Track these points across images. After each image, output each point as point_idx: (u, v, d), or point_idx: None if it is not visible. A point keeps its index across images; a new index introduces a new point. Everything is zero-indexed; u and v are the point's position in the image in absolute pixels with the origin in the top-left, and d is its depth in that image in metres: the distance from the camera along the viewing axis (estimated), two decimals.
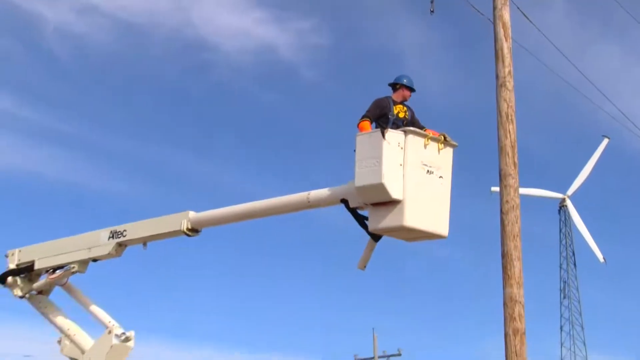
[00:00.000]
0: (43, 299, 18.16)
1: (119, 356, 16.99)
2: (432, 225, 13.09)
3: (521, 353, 13.39)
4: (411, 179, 12.69)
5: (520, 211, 14.02)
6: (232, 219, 16.00)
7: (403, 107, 13.79)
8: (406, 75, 14.03)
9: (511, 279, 13.61)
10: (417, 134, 12.96)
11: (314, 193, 14.13)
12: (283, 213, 15.38)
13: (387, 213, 12.82)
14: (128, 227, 16.79)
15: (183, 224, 15.79)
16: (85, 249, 17.25)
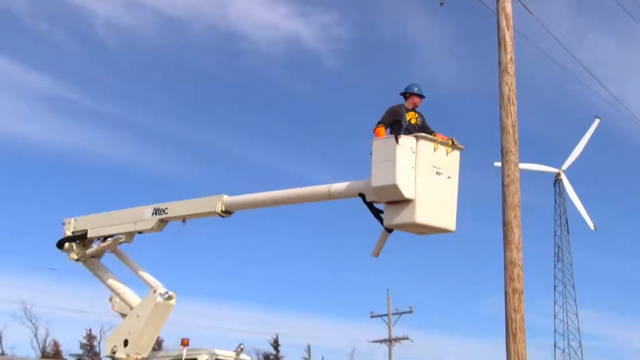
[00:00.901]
0: (96, 262, 18.36)
1: (162, 313, 17.18)
2: (441, 221, 13.33)
3: (519, 309, 13.44)
4: (422, 180, 12.92)
5: (519, 184, 14.03)
6: (261, 205, 16.32)
7: (415, 114, 13.88)
8: (416, 84, 14.12)
9: (511, 244, 13.65)
10: (427, 139, 13.16)
11: (335, 186, 14.41)
12: (306, 202, 15.76)
13: (400, 210, 13.07)
14: (169, 206, 17.00)
15: (217, 206, 16.01)
16: (132, 223, 17.47)
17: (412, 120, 13.72)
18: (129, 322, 17.42)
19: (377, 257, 14.44)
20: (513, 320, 13.37)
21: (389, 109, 13.80)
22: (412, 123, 13.66)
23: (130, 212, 17.72)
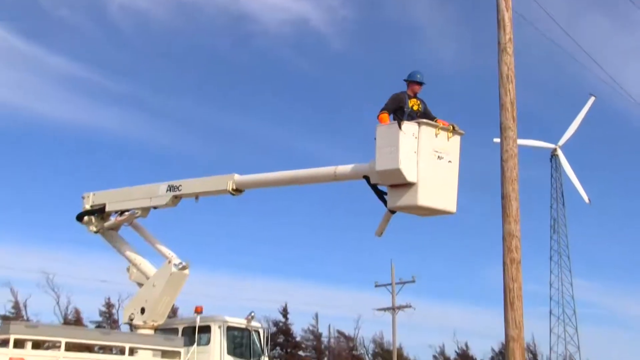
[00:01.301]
0: (114, 234, 18.44)
1: (177, 282, 17.27)
2: (442, 203, 13.49)
3: (517, 278, 13.45)
4: (424, 164, 13.04)
5: (517, 159, 13.99)
6: (270, 184, 16.44)
7: (417, 101, 13.91)
8: (417, 72, 14.12)
9: (509, 216, 13.64)
10: (429, 125, 13.29)
11: (340, 168, 14.55)
12: (312, 183, 15.91)
13: (403, 193, 13.20)
14: (183, 183, 17.06)
15: (229, 185, 16.07)
16: (147, 198, 17.55)
17: (414, 107, 13.77)
18: (145, 291, 17.53)
19: (380, 237, 14.64)
20: (511, 289, 13.38)
21: (392, 96, 13.85)
22: (414, 110, 13.72)
23: (145, 188, 17.79)
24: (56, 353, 14.61)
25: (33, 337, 14.83)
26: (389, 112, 13.63)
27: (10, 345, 14.07)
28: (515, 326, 13.33)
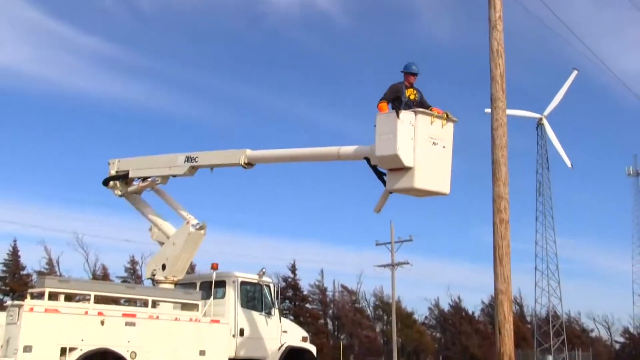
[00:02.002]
0: (137, 197, 18.49)
1: (195, 241, 17.34)
2: (437, 185, 13.51)
3: (505, 237, 13.49)
4: (420, 150, 13.07)
5: (506, 128, 13.98)
6: (279, 160, 16.49)
7: (414, 90, 13.90)
8: (412, 63, 14.10)
9: (499, 180, 13.64)
10: (424, 113, 13.29)
11: (344, 149, 14.57)
12: (318, 160, 15.95)
13: (401, 176, 13.24)
14: (199, 155, 17.05)
15: (241, 159, 16.08)
16: (167, 167, 17.57)
17: (411, 96, 13.78)
18: (166, 249, 17.61)
19: (378, 213, 14.74)
20: (500, 247, 13.42)
21: (391, 87, 13.85)
22: (411, 99, 13.73)
23: (165, 158, 17.81)
24: (86, 305, 14.73)
25: (65, 290, 14.94)
26: (387, 102, 13.66)
27: (45, 297, 14.20)
28: (504, 280, 13.39)
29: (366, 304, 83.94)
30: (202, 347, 15.71)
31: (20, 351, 13.32)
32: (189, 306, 16.13)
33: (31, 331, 13.53)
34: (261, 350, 17.11)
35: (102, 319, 14.46)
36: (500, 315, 13.43)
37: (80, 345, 13.98)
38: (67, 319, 14.07)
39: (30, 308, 13.73)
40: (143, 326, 14.97)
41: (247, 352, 16.83)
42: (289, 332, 18.03)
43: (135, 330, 14.81)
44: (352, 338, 76.72)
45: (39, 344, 13.55)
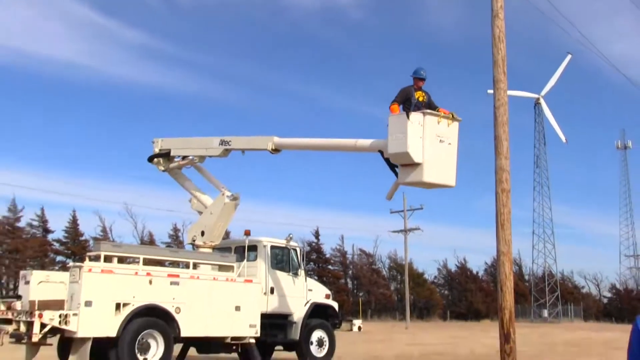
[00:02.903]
0: (178, 172, 18.59)
1: (229, 210, 17.46)
2: (444, 179, 13.44)
3: (506, 204, 13.44)
4: (428, 147, 13.00)
5: (507, 106, 13.87)
6: (302, 148, 16.56)
7: (422, 93, 13.80)
8: (422, 68, 14.00)
9: (501, 154, 13.56)
10: (432, 114, 13.20)
11: (360, 141, 14.56)
12: (337, 150, 15.95)
13: (411, 171, 13.19)
14: (232, 139, 17.06)
15: (269, 145, 16.08)
16: (203, 148, 17.62)
17: (419, 98, 13.70)
18: (204, 218, 17.71)
19: (390, 200, 15.07)
20: (502, 214, 13.38)
21: (401, 90, 13.79)
22: (420, 101, 13.65)
23: (202, 140, 17.85)
24: (136, 266, 14.89)
25: (118, 253, 15.10)
26: (398, 104, 13.58)
27: (101, 260, 14.35)
28: (505, 243, 13.37)
29: (382, 265, 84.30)
30: (237, 304, 15.86)
31: (82, 305, 13.52)
32: (225, 268, 16.26)
33: (90, 289, 13.72)
34: (289, 306, 17.25)
35: (150, 279, 14.62)
36: (502, 275, 13.42)
37: (132, 301, 14.16)
38: (120, 278, 14.24)
39: (89, 269, 13.91)
40: (185, 285, 15.12)
41: (277, 308, 16.98)
42: (314, 290, 18.15)
43: (179, 289, 14.97)
44: (370, 295, 77.04)
45: (97, 299, 13.75)
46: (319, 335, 17.74)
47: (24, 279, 15.08)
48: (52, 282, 14.44)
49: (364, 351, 23.18)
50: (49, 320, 13.26)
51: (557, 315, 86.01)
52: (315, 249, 74.72)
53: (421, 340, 32.51)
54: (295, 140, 16.33)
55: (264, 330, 16.41)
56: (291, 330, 17.23)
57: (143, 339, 14.26)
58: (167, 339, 14.56)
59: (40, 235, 64.36)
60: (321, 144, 15.79)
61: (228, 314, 15.65)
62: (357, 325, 45.93)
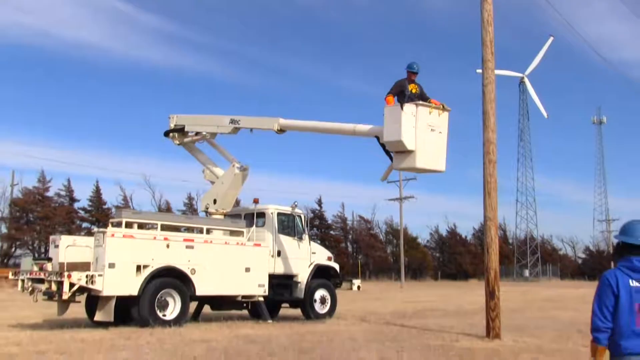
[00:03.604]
0: (192, 146, 18.54)
1: (239, 180, 17.48)
2: (434, 165, 13.45)
3: (493, 174, 13.43)
4: (420, 136, 12.98)
5: (495, 84, 13.79)
6: (305, 130, 16.45)
7: (415, 85, 13.72)
8: (415, 62, 13.91)
9: (488, 127, 13.51)
10: (424, 105, 13.18)
11: (359, 127, 14.51)
12: (337, 134, 15.91)
13: (405, 157, 13.19)
14: (241, 118, 16.99)
15: (275, 126, 16.05)
16: (215, 126, 17.57)
17: (413, 90, 13.65)
18: (216, 187, 17.71)
19: (384, 181, 15.30)
20: (489, 182, 13.38)
21: (396, 83, 13.73)
22: (413, 92, 13.60)
23: (214, 118, 17.76)
24: (154, 232, 14.92)
25: (138, 220, 15.13)
26: (393, 95, 13.52)
27: (123, 226, 14.40)
28: (492, 209, 13.40)
29: (379, 231, 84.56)
30: (247, 265, 15.92)
31: (106, 267, 13.61)
32: (236, 233, 16.30)
33: (113, 252, 13.78)
34: (294, 268, 17.31)
35: (167, 243, 14.67)
36: (488, 238, 13.47)
37: (151, 263, 14.22)
38: (140, 242, 14.29)
39: (112, 234, 13.95)
40: (199, 248, 15.17)
41: (283, 269, 17.05)
42: (317, 253, 18.19)
43: (194, 252, 15.02)
44: (368, 258, 77.34)
45: (120, 261, 13.81)
46: (322, 293, 17.83)
47: (53, 243, 15.14)
48: (78, 246, 14.49)
49: (362, 308, 23.35)
50: (76, 280, 13.37)
51: (537, 275, 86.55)
52: (318, 215, 74.85)
53: (414, 298, 32.72)
54: (298, 123, 16.25)
55: (272, 289, 16.50)
56: (296, 289, 17.32)
57: (162, 297, 14.36)
58: (184, 297, 14.65)
59: (67, 204, 64.67)
60: (322, 127, 15.70)
61: (239, 274, 15.73)
62: (356, 284, 46.11)
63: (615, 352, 4.36)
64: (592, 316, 4.42)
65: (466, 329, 14.60)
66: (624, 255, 4.43)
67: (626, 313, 4.29)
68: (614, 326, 4.34)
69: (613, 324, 4.34)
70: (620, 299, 4.30)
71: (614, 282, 4.34)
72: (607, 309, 4.33)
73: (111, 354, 9.88)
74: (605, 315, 4.33)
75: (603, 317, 4.34)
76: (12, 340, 11.64)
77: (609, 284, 4.35)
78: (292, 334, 13.27)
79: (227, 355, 9.74)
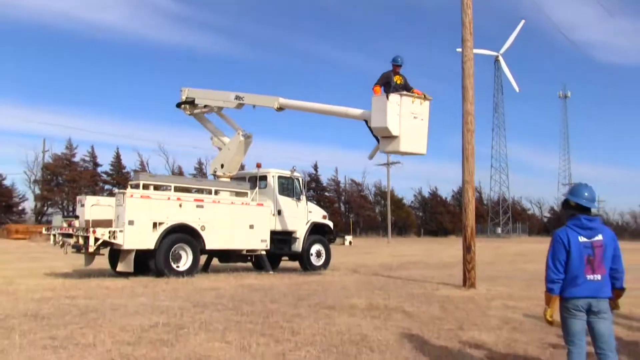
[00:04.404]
0: (202, 116, 18.36)
1: (244, 147, 17.38)
2: (417, 148, 13.33)
3: (471, 142, 13.38)
4: (404, 123, 12.87)
5: (473, 62, 13.62)
6: (301, 109, 16.08)
7: (399, 77, 13.58)
8: (398, 56, 13.73)
9: (467, 100, 13.42)
10: (407, 95, 13.06)
11: (351, 110, 14.30)
12: (330, 115, 15.49)
13: (390, 142, 13.08)
14: (245, 95, 16.74)
15: (275, 104, 15.81)
16: (221, 101, 17.33)
17: (398, 81, 13.53)
18: (223, 153, 17.61)
19: (370, 160, 15.12)
20: (467, 149, 13.35)
21: (382, 75, 13.60)
22: (398, 83, 13.48)
23: (221, 94, 17.52)
24: (168, 193, 14.89)
25: (154, 182, 15.08)
26: (380, 86, 13.39)
27: (140, 187, 14.37)
28: (469, 173, 13.38)
29: (368, 192, 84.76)
30: (251, 223, 15.94)
31: (126, 224, 13.61)
32: (241, 194, 16.27)
33: (132, 210, 13.76)
34: (293, 225, 17.33)
35: (180, 203, 14.64)
36: (466, 199, 13.49)
37: (166, 221, 14.21)
38: (156, 202, 14.25)
39: (131, 195, 13.92)
40: (208, 208, 15.15)
41: (284, 226, 17.07)
42: (313, 212, 18.20)
43: (203, 211, 15.00)
44: (358, 217, 77.70)
45: (138, 219, 13.80)
46: (318, 248, 17.89)
47: (80, 202, 15.10)
48: (102, 205, 14.45)
49: (353, 261, 23.51)
50: (100, 235, 13.39)
51: (508, 232, 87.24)
52: (314, 179, 74.96)
53: (400, 252, 32.96)
54: (296, 103, 16.00)
55: (273, 244, 16.54)
56: (295, 244, 17.37)
57: (175, 251, 14.39)
58: (195, 251, 14.69)
59: (92, 169, 64.89)
60: (318, 108, 15.46)
61: (244, 231, 15.75)
62: (348, 240, 45.83)
63: (566, 298, 4.46)
64: (547, 270, 4.52)
65: (445, 279, 14.72)
66: (574, 215, 4.51)
67: (576, 265, 4.40)
68: (565, 277, 4.44)
69: (565, 275, 4.44)
70: (571, 253, 4.41)
71: (565, 239, 4.44)
72: (559, 263, 4.44)
73: (132, 299, 9.94)
74: (558, 269, 4.44)
75: (556, 270, 4.45)
76: (47, 286, 11.76)
77: (561, 241, 4.45)
78: (291, 284, 13.36)
79: (233, 301, 9.80)
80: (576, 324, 4.43)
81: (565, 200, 4.61)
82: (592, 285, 4.38)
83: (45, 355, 5.75)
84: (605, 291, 4.41)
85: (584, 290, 4.38)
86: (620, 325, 7.94)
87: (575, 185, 4.65)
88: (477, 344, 6.75)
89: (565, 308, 4.47)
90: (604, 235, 4.44)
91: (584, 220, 4.44)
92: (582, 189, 4.55)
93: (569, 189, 4.67)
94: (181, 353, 5.92)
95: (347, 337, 6.88)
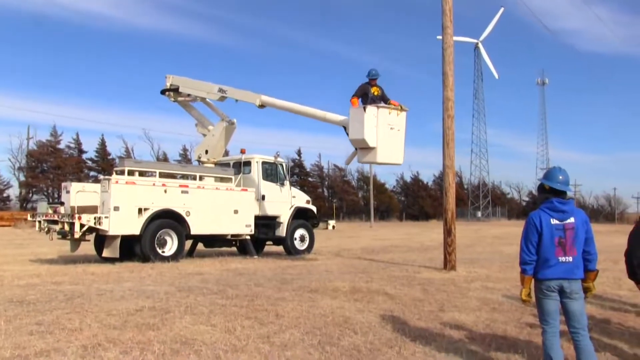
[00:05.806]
0: (186, 103, 18.20)
1: (228, 133, 17.33)
2: (393, 159, 13.44)
3: (451, 127, 13.43)
4: (381, 134, 12.93)
5: (453, 49, 13.64)
6: (282, 109, 15.89)
7: (377, 88, 13.60)
8: (374, 69, 13.74)
9: (447, 87, 13.43)
10: (384, 107, 13.10)
11: (329, 115, 14.28)
12: (309, 117, 15.35)
13: (367, 153, 13.13)
14: (229, 89, 16.60)
15: (257, 101, 15.70)
16: (205, 92, 17.17)
17: (375, 92, 13.55)
18: (207, 139, 17.51)
19: (347, 165, 15.03)
20: (447, 135, 13.40)
21: (360, 86, 13.63)
22: (375, 95, 13.50)
23: (205, 85, 17.33)
24: (153, 179, 14.79)
25: (139, 168, 14.96)
26: (357, 97, 13.37)
27: (125, 174, 14.25)
28: (450, 158, 13.45)
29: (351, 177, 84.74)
30: (236, 208, 15.91)
31: (112, 210, 13.52)
32: (225, 179, 16.21)
33: (117, 196, 13.66)
34: (277, 210, 17.32)
35: (165, 189, 14.55)
36: (446, 183, 13.58)
37: (151, 207, 14.13)
38: (141, 188, 14.15)
39: (116, 181, 13.80)
40: (193, 193, 15.08)
41: (268, 211, 17.06)
42: (297, 197, 18.19)
43: (188, 196, 14.93)
44: (342, 201, 77.84)
45: (124, 205, 13.71)
46: (301, 232, 17.92)
47: (65, 189, 14.95)
48: (87, 192, 14.33)
49: (337, 245, 23.61)
50: (86, 221, 13.28)
51: (487, 216, 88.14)
52: (298, 164, 74.82)
53: (382, 236, 33.15)
54: (278, 102, 15.82)
55: (257, 229, 16.53)
56: (279, 229, 17.36)
57: (161, 236, 14.33)
58: (180, 236, 14.64)
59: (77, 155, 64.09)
60: (298, 109, 15.30)
61: (228, 216, 15.72)
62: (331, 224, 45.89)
63: (539, 279, 4.53)
64: (520, 252, 4.59)
65: (427, 262, 14.85)
66: (548, 198, 4.55)
67: (548, 246, 4.46)
68: (538, 258, 4.50)
69: (537, 256, 4.50)
70: (543, 235, 4.46)
71: (538, 222, 4.49)
72: (532, 245, 4.50)
73: (118, 284, 9.89)
74: (531, 250, 4.50)
75: (528, 252, 4.51)
76: (33, 272, 11.65)
77: (534, 223, 4.50)
78: (275, 268, 13.39)
79: (218, 285, 9.80)
80: (550, 304, 4.50)
81: (541, 185, 4.65)
82: (563, 266, 4.44)
83: (32, 341, 5.71)
84: (577, 273, 4.47)
85: (556, 271, 4.43)
86: (593, 304, 8.11)
87: (550, 169, 4.67)
88: (457, 324, 6.85)
89: (539, 289, 4.54)
90: (576, 218, 4.48)
91: (557, 203, 4.47)
92: (556, 172, 4.58)
93: (544, 173, 4.71)
94: (167, 336, 5.93)
95: (330, 320, 6.94)
